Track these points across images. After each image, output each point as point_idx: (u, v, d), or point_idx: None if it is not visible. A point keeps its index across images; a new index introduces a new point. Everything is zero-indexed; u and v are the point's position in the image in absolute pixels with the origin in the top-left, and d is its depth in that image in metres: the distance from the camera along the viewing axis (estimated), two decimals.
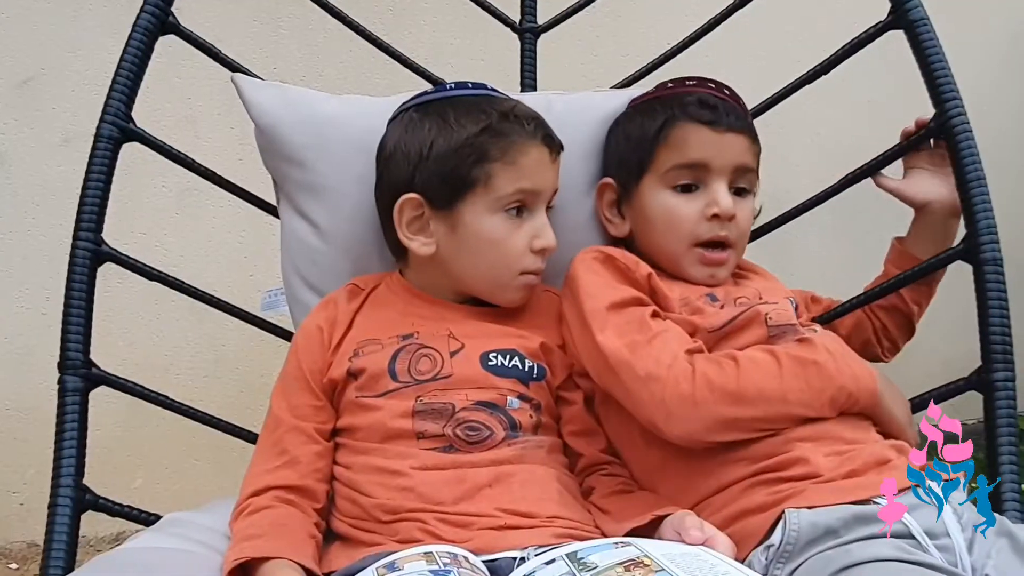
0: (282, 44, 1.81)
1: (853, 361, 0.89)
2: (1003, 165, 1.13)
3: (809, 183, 1.17)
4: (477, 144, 0.93)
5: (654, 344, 0.87)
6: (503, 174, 0.93)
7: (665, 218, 0.99)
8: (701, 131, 0.97)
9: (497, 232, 0.94)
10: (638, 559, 0.68)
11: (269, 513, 0.84)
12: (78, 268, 1.00)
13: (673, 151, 0.98)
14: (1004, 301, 0.97)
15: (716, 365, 0.86)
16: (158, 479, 1.83)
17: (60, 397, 0.98)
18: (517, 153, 0.93)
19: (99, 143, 1.03)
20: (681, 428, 0.85)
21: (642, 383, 0.85)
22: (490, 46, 1.66)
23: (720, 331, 0.92)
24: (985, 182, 1.00)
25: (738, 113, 1.00)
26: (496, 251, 0.94)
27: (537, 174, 0.95)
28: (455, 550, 0.77)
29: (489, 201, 0.93)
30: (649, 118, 1.01)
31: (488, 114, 0.94)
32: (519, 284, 0.96)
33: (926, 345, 1.11)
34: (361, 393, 0.91)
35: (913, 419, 0.92)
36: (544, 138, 0.96)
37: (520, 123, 0.94)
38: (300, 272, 1.07)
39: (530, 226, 0.95)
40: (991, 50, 2.11)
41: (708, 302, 0.95)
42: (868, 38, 1.10)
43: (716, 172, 0.97)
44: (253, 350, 1.79)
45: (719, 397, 0.84)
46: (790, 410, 0.85)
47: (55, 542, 0.91)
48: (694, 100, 0.99)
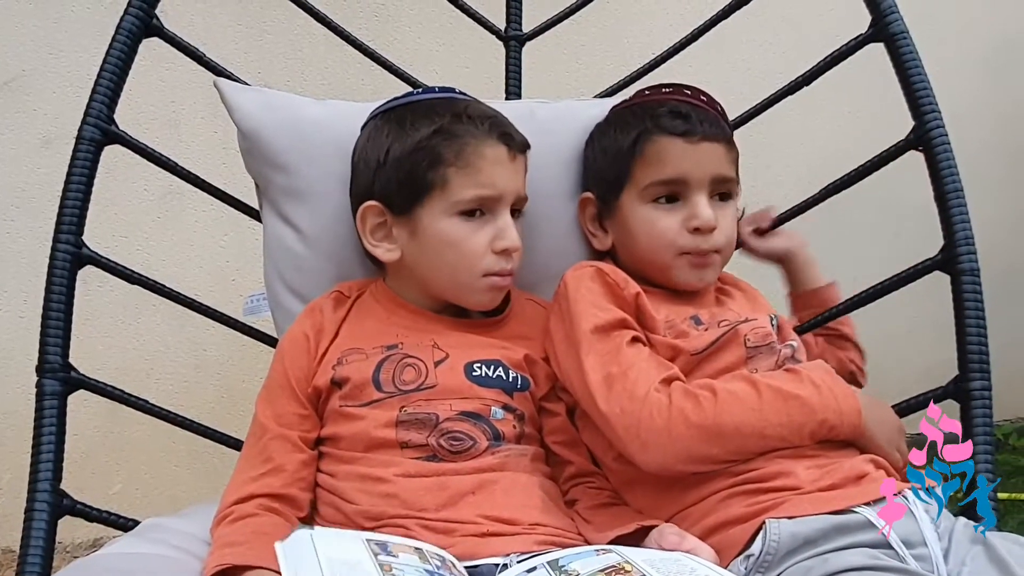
0: (266, 49, 1.80)
1: (839, 394, 0.87)
2: (980, 177, 1.15)
3: (791, 193, 1.18)
4: (430, 147, 0.92)
5: (629, 376, 0.87)
6: (458, 177, 0.92)
7: (647, 231, 0.98)
8: (675, 144, 0.96)
9: (456, 234, 0.93)
10: (619, 565, 0.68)
11: (252, 521, 0.83)
12: (58, 270, 1.00)
13: (650, 167, 0.98)
14: (981, 311, 0.98)
15: (693, 400, 0.85)
16: (137, 485, 1.82)
17: (38, 401, 0.97)
18: (471, 154, 0.92)
19: (81, 145, 1.02)
20: (655, 460, 0.85)
21: (617, 418, 0.86)
22: (475, 53, 1.66)
23: (702, 354, 0.92)
24: (963, 193, 1.01)
25: (712, 120, 0.98)
26: (455, 253, 0.93)
27: (495, 174, 0.93)
28: (443, 553, 0.77)
29: (446, 204, 0.92)
30: (622, 132, 1.01)
31: (441, 116, 0.93)
32: (483, 286, 0.95)
33: (903, 356, 1.13)
34: (345, 402, 0.90)
35: (902, 439, 0.92)
36: (501, 136, 0.94)
37: (473, 123, 0.93)
38: (283, 277, 1.07)
39: (491, 227, 0.93)
40: (969, 63, 2.14)
41: (692, 325, 0.95)
42: (849, 50, 1.11)
43: (695, 185, 0.96)
44: (234, 355, 1.78)
45: (695, 433, 0.84)
46: (767, 444, 0.85)
47: (31, 547, 0.90)
48: (666, 111, 0.98)
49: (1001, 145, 2.17)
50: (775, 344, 0.96)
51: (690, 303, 0.99)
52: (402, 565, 0.68)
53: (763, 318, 0.98)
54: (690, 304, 0.99)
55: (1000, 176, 2.13)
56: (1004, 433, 2.08)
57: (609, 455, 0.93)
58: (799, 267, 1.15)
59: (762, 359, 0.94)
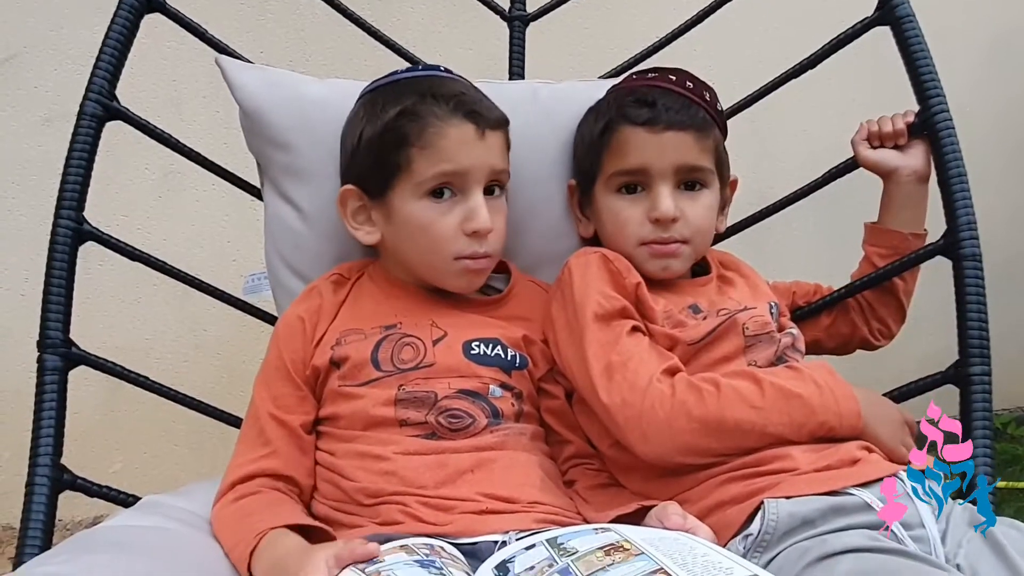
0: (268, 27, 1.79)
1: (840, 396, 0.87)
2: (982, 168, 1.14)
3: (794, 179, 1.18)
4: (395, 128, 0.91)
5: (629, 367, 0.87)
6: (421, 157, 0.90)
7: (612, 221, 0.98)
8: (637, 134, 0.95)
9: (425, 217, 0.91)
10: (618, 543, 0.68)
11: (259, 497, 0.84)
12: (59, 245, 1.00)
13: (615, 157, 0.97)
14: (982, 296, 0.98)
15: (696, 393, 0.85)
16: (137, 464, 1.82)
17: (39, 376, 0.97)
18: (433, 135, 0.90)
19: (82, 120, 1.02)
20: (655, 451, 0.86)
21: (618, 408, 0.86)
22: (478, 33, 1.65)
23: (699, 343, 0.92)
24: (966, 178, 1.01)
25: (682, 107, 0.96)
26: (426, 236, 0.92)
27: (460, 154, 0.90)
28: (431, 541, 0.77)
29: (412, 186, 0.91)
30: (596, 121, 1.00)
31: (409, 96, 0.92)
32: (456, 270, 0.93)
33: (900, 343, 1.12)
34: (344, 382, 0.90)
35: (906, 433, 0.91)
36: (468, 115, 0.91)
37: (438, 103, 0.91)
38: (283, 256, 1.07)
39: (461, 208, 0.91)
40: (972, 51, 2.13)
41: (690, 315, 0.95)
42: (855, 33, 1.11)
43: (657, 175, 0.95)
44: (235, 335, 1.78)
45: (696, 427, 0.84)
46: (766, 440, 0.85)
47: (32, 521, 0.90)
48: (633, 99, 0.97)
49: (1003, 137, 2.16)
50: (774, 333, 0.95)
51: (690, 292, 0.99)
52: (389, 566, 0.68)
53: (763, 306, 0.98)
54: (689, 293, 0.98)
55: (1001, 167, 2.13)
56: (1002, 422, 2.09)
57: (605, 442, 0.94)
58: (900, 196, 1.06)
59: (761, 348, 0.94)
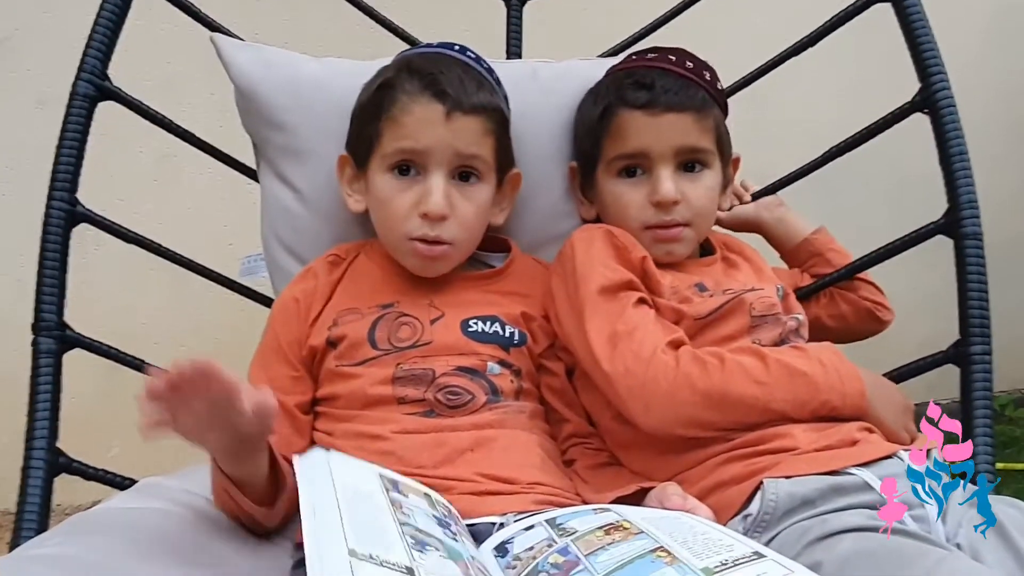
0: (264, 7, 1.77)
1: (844, 375, 0.86)
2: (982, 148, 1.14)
3: (794, 160, 1.17)
4: (374, 100, 0.93)
5: (634, 337, 0.86)
6: (387, 131, 0.91)
7: (615, 204, 0.98)
8: (636, 117, 0.95)
9: (386, 191, 0.92)
10: (617, 523, 0.68)
11: None
12: (53, 227, 0.99)
13: (614, 141, 0.97)
14: (983, 275, 0.97)
15: (700, 365, 0.84)
16: (134, 448, 1.81)
17: (34, 359, 0.97)
18: (399, 110, 0.90)
19: (75, 101, 1.01)
20: (657, 422, 0.85)
21: (620, 377, 0.85)
22: (476, 13, 1.63)
23: (705, 319, 0.92)
24: (967, 157, 1.00)
25: (681, 88, 0.95)
26: (383, 212, 0.93)
27: (422, 132, 0.89)
28: (448, 504, 0.76)
29: (379, 158, 0.92)
30: (595, 104, 1.00)
31: (392, 69, 0.94)
32: (408, 250, 0.92)
33: (901, 327, 1.12)
34: (341, 362, 0.90)
35: (909, 417, 0.91)
36: (437, 94, 0.89)
37: (411, 78, 0.91)
38: (280, 238, 1.06)
39: (419, 188, 0.90)
40: (972, 29, 2.12)
41: (697, 292, 0.94)
42: (856, 10, 1.10)
43: (657, 158, 0.95)
44: (232, 318, 1.77)
45: (699, 399, 0.83)
46: (769, 417, 0.84)
47: (28, 504, 0.90)
48: (631, 82, 0.97)
49: (1003, 117, 2.15)
50: (780, 315, 0.95)
51: (695, 271, 0.98)
52: (411, 506, 0.68)
53: (769, 288, 0.97)
54: (695, 272, 0.98)
55: (1002, 149, 2.12)
56: (1001, 404, 2.10)
57: (607, 415, 0.93)
58: (776, 226, 1.15)
59: (767, 329, 0.93)
